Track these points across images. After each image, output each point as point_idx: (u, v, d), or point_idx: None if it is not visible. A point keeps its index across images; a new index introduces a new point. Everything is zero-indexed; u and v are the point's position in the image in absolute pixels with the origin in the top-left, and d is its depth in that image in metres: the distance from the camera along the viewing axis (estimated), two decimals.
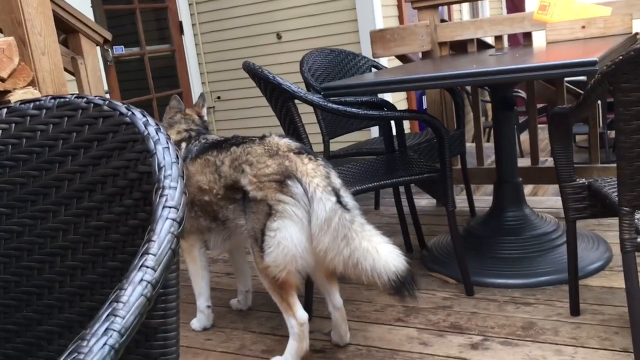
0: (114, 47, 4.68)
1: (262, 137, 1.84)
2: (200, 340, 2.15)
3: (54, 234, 0.85)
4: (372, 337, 2.01)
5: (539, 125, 3.29)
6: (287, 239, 1.68)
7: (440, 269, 2.42)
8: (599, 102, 3.81)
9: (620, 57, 1.37)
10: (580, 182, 1.84)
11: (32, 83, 2.14)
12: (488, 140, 5.59)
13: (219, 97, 5.59)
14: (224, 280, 2.68)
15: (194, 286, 2.21)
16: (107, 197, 0.82)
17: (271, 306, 2.34)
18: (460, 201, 3.18)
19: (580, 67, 1.69)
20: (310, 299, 2.18)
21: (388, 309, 2.18)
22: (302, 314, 1.79)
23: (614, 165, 1.53)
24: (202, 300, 2.21)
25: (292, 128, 2.17)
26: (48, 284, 0.85)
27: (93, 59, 2.91)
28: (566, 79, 3.16)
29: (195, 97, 5.56)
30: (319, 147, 2.54)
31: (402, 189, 2.73)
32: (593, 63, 1.65)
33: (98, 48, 3.07)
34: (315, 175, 1.69)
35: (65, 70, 2.58)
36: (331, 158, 2.92)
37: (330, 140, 2.98)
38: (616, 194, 1.58)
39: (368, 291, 2.36)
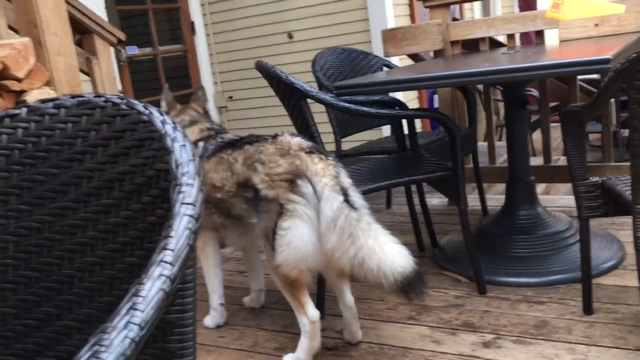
0: (127, 47, 4.72)
1: (275, 136, 1.85)
2: (213, 337, 2.16)
3: (73, 230, 0.86)
4: (384, 335, 2.01)
5: (552, 124, 3.28)
6: (298, 238, 1.69)
7: (453, 268, 2.42)
8: (613, 100, 3.79)
9: (635, 55, 1.36)
10: (594, 180, 1.83)
11: (48, 83, 2.17)
12: (500, 139, 5.56)
13: (231, 97, 5.62)
14: (236, 279, 2.69)
15: (207, 284, 2.23)
16: (125, 195, 0.83)
17: (284, 304, 2.36)
18: (472, 200, 3.17)
19: (594, 65, 1.68)
20: (323, 297, 2.19)
21: (400, 307, 2.19)
22: (313, 312, 1.81)
23: (628, 163, 1.52)
24: (215, 298, 2.23)
25: (305, 127, 2.19)
26: (68, 280, 0.86)
27: (107, 60, 2.94)
28: (579, 77, 3.14)
29: (208, 96, 5.59)
30: (330, 146, 2.55)
31: (413, 188, 2.73)
32: (606, 61, 1.64)
33: (112, 48, 3.10)
34: (324, 174, 1.70)
35: (80, 70, 2.61)
36: (343, 157, 2.93)
37: (342, 140, 2.99)
38: (630, 192, 1.58)
39: (380, 289, 2.36)
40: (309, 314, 1.81)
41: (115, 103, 0.88)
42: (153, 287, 0.63)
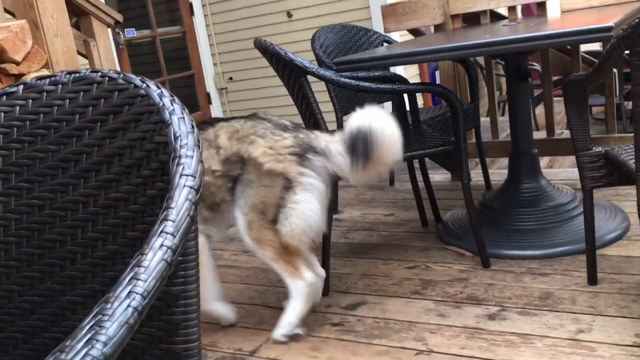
0: (125, 29, 4.69)
1: (253, 114, 1.89)
2: None
3: (74, 206, 0.86)
4: (389, 309, 2.02)
5: (555, 99, 3.26)
6: (311, 211, 1.76)
7: (456, 242, 2.42)
8: (615, 72, 3.75)
9: (637, 20, 1.34)
10: (597, 150, 1.82)
11: (46, 65, 2.15)
12: (502, 115, 5.53)
13: (231, 78, 5.59)
14: (241, 258, 2.70)
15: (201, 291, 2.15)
16: (124, 169, 0.83)
17: None
18: (476, 175, 3.16)
19: (596, 33, 1.66)
20: (327, 275, 2.20)
21: (405, 282, 2.20)
22: (309, 275, 1.86)
23: (631, 134, 1.51)
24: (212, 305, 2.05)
25: (305, 104, 2.17)
26: (70, 256, 0.86)
27: (105, 41, 2.92)
28: (582, 50, 3.11)
29: (207, 78, 5.58)
30: (332, 125, 2.54)
31: (416, 164, 2.72)
32: (608, 29, 1.62)
33: (109, 31, 3.08)
34: (334, 139, 1.80)
35: (78, 53, 2.59)
36: None
37: (344, 117, 2.97)
38: (633, 161, 1.57)
39: (385, 265, 2.37)
40: (305, 276, 1.85)
41: (112, 78, 0.87)
42: (155, 257, 0.63)
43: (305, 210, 1.75)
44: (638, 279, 1.94)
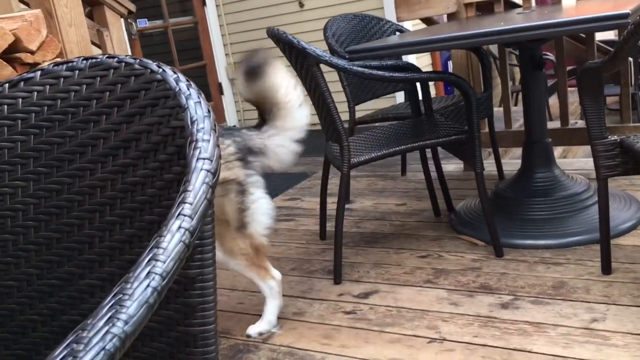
0: (137, 20, 4.70)
1: None
2: (232, 303, 2.19)
3: (91, 191, 0.87)
4: (402, 298, 2.02)
5: (569, 89, 3.22)
6: (265, 205, 1.84)
7: (469, 232, 2.42)
8: (631, 61, 3.71)
9: None
10: (612, 139, 1.81)
11: (60, 55, 2.16)
12: (516, 105, 5.50)
13: None
14: None
15: None
16: (141, 154, 0.83)
17: (302, 271, 2.38)
18: (488, 165, 3.15)
19: (612, 20, 1.65)
20: (340, 264, 2.21)
21: (417, 272, 2.20)
22: (276, 272, 1.94)
23: None
24: None
25: (318, 94, 2.17)
26: (88, 240, 0.87)
27: (118, 31, 2.93)
28: (597, 39, 3.08)
29: (219, 68, 5.58)
30: (344, 116, 2.53)
31: (429, 154, 2.71)
32: (625, 15, 1.60)
33: (122, 20, 3.09)
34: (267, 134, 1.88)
35: (92, 43, 2.60)
36: (357, 124, 2.92)
37: (356, 108, 2.97)
38: None
39: (397, 255, 2.38)
40: (274, 274, 1.93)
41: (129, 63, 0.88)
42: (173, 239, 0.63)
43: (264, 205, 1.83)
44: None
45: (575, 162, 3.23)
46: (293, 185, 3.58)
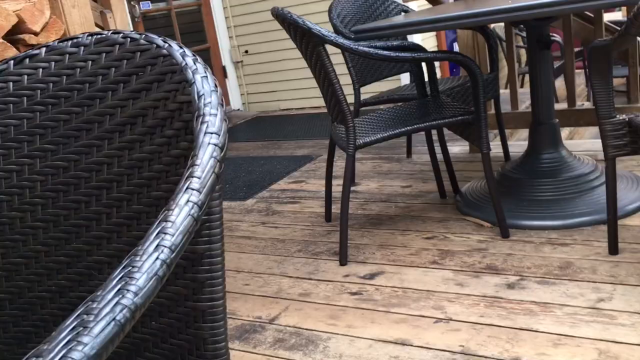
0: (140, 2, 4.67)
1: None
2: (238, 285, 2.20)
3: (98, 167, 0.87)
4: (407, 279, 2.03)
5: (576, 71, 3.19)
6: None
7: (475, 213, 2.41)
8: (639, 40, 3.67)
9: None
10: (621, 118, 1.79)
11: (64, 36, 2.15)
12: (522, 87, 5.46)
13: (246, 51, 5.56)
14: (259, 229, 2.72)
15: None
16: (148, 129, 0.83)
17: (307, 252, 2.38)
18: (495, 147, 3.13)
19: None
20: (345, 246, 2.21)
21: (423, 253, 2.20)
22: None
23: None
24: None
25: (324, 74, 2.16)
26: (96, 216, 0.87)
27: (121, 13, 2.90)
28: (605, 19, 3.04)
29: (223, 52, 5.55)
30: (350, 98, 2.52)
31: (434, 136, 2.70)
32: None
33: (125, 2, 3.06)
34: None
35: (95, 25, 2.59)
36: (362, 106, 2.90)
37: (361, 90, 2.95)
38: None
39: (403, 236, 2.37)
40: None
41: (134, 39, 0.87)
42: (181, 212, 0.63)
43: None
44: None
45: (582, 144, 3.21)
46: (298, 168, 3.58)
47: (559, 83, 5.19)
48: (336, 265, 2.21)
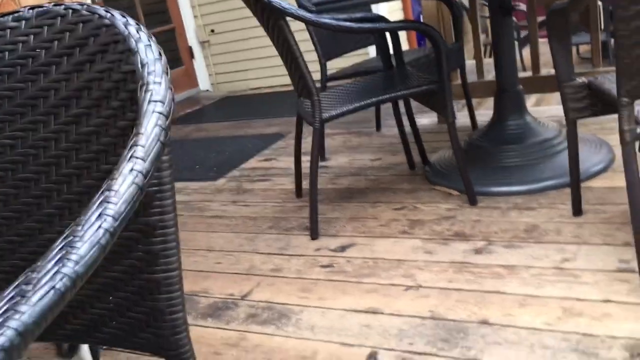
0: None
1: None
2: (210, 264, 2.20)
3: (46, 144, 0.85)
4: (378, 250, 2.04)
5: (541, 40, 3.21)
6: None
7: (444, 182, 2.43)
8: (601, 6, 3.71)
9: None
10: (580, 80, 1.81)
11: None
12: (489, 57, 5.48)
13: (212, 31, 5.48)
14: (229, 208, 2.71)
15: None
16: (94, 102, 0.81)
17: (279, 228, 2.38)
18: (462, 117, 3.16)
19: None
20: (316, 220, 2.21)
21: (392, 224, 2.21)
22: None
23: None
24: None
25: (287, 49, 2.14)
26: (46, 194, 0.85)
27: None
28: None
29: (188, 32, 5.46)
30: (317, 75, 2.50)
31: (402, 108, 2.70)
32: None
33: None
34: None
35: None
36: (328, 80, 2.89)
37: (328, 64, 2.94)
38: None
39: (373, 208, 2.38)
40: None
41: (76, 10, 0.84)
42: (125, 181, 0.62)
43: None
44: (623, 208, 1.96)
45: (548, 110, 3.25)
46: (268, 146, 3.56)
47: (527, 52, 5.23)
48: (308, 240, 2.22)
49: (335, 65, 3.20)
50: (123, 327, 0.82)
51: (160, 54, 0.76)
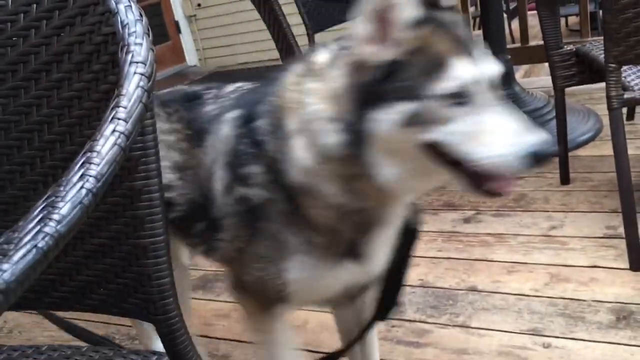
0: None
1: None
2: None
3: (27, 110, 0.83)
4: None
5: (530, 12, 3.19)
6: None
7: None
8: None
9: None
10: (568, 48, 1.81)
11: None
12: (479, 29, 5.45)
13: (199, 5, 5.41)
14: None
15: None
16: (75, 66, 0.79)
17: None
18: None
19: None
20: None
21: None
22: None
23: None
24: None
25: (273, 19, 2.11)
26: (29, 161, 0.84)
27: None
28: None
29: (174, 6, 5.39)
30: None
31: None
32: None
33: None
34: None
35: None
36: None
37: (317, 37, 2.90)
38: (603, 56, 1.55)
39: None
40: None
41: None
42: (107, 142, 0.61)
43: None
44: (610, 176, 1.97)
45: (536, 81, 3.24)
46: None
47: (516, 25, 5.21)
48: None
49: (324, 38, 3.16)
50: (111, 294, 0.82)
51: (141, 14, 0.74)
